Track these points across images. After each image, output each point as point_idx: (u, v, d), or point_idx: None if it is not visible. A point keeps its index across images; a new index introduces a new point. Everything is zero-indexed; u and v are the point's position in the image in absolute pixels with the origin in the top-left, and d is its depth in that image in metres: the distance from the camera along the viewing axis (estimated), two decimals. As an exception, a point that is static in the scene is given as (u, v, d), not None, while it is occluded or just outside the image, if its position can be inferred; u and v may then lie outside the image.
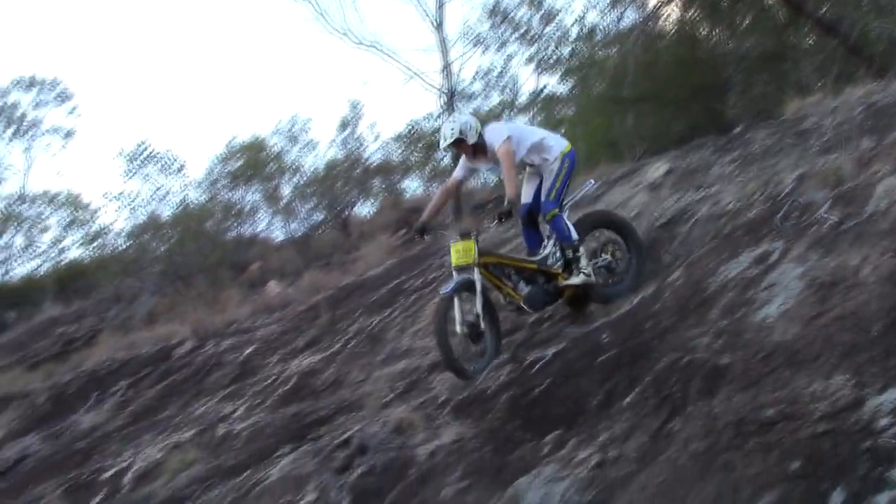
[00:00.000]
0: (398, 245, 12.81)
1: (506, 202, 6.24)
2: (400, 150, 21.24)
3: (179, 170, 19.49)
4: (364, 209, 20.79)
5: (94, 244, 25.18)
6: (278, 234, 20.83)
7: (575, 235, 6.55)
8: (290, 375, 8.14)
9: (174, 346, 11.09)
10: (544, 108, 19.96)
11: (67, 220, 27.30)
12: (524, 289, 6.52)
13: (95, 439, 8.68)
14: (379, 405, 5.93)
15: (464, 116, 6.73)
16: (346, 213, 20.12)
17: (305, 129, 21.35)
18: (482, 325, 6.17)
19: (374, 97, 40.14)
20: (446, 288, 6.13)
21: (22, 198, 27.91)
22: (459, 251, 6.23)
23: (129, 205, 18.91)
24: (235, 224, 20.39)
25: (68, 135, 29.15)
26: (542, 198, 6.64)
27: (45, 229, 27.47)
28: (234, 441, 6.70)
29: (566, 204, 6.68)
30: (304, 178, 20.65)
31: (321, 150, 22.23)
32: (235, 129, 55.43)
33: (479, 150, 6.60)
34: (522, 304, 6.48)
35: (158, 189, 19.46)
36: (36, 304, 20.27)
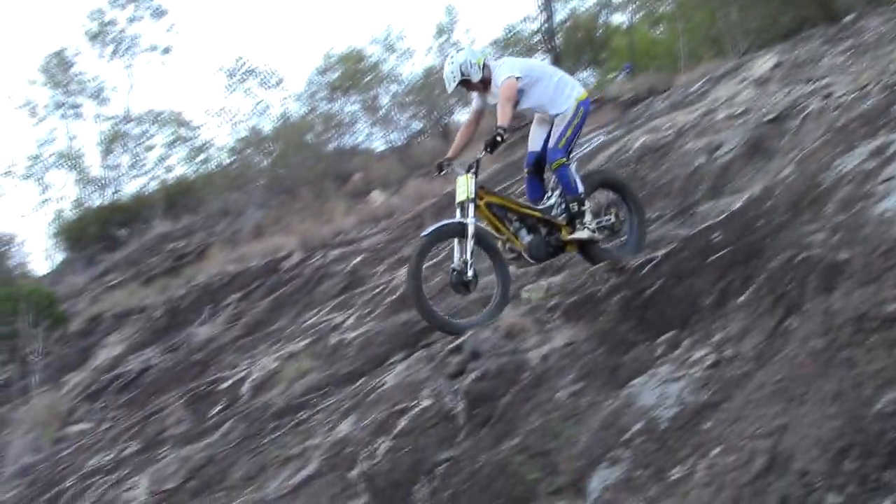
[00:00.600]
0: (503, 149, 12.81)
1: (496, 129, 6.00)
2: (497, 56, 20.98)
3: (278, 83, 19.91)
4: (463, 116, 20.79)
5: (199, 160, 26.16)
6: (379, 144, 21.12)
7: (581, 188, 6.33)
8: (398, 284, 8.38)
9: (282, 258, 11.53)
10: (643, 6, 19.32)
11: (171, 137, 28.42)
12: (526, 237, 6.30)
13: (212, 351, 9.22)
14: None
15: (461, 55, 6.41)
16: (446, 120, 20.15)
17: (401, 37, 21.37)
18: (468, 272, 5.89)
19: (469, 2, 39.42)
20: (426, 230, 5.98)
21: (126, 117, 29.10)
22: (461, 186, 6.10)
23: (231, 120, 19.50)
24: (336, 135, 20.74)
25: (166, 51, 30.02)
26: (550, 144, 6.37)
27: (150, 147, 28.71)
28: (347, 350, 7.01)
29: (574, 155, 6.49)
30: (403, 87, 20.74)
31: (418, 59, 22.28)
32: (332, 41, 55.58)
33: (488, 84, 6.39)
34: (524, 253, 6.30)
35: (258, 103, 19.95)
36: (146, 221, 21.22)
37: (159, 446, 7.01)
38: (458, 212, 6.07)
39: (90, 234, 21.86)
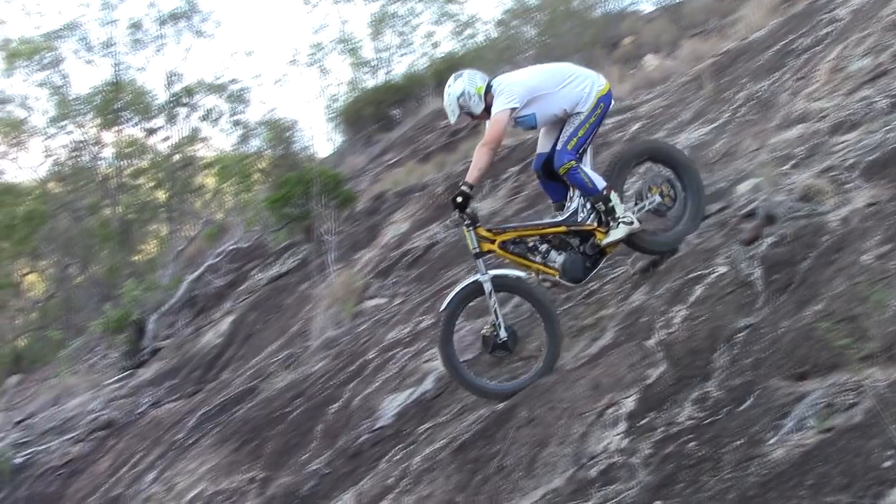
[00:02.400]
0: (780, 2, 11.96)
1: (458, 187, 5.55)
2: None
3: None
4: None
5: (466, 35, 26.62)
6: (647, 5, 20.35)
7: (600, 184, 5.68)
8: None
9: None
10: None
11: (438, 14, 29.11)
12: (557, 259, 5.77)
13: (496, 224, 9.67)
14: (780, 173, 5.93)
15: (459, 85, 5.85)
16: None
17: None
18: (501, 334, 5.53)
19: None
20: (445, 300, 5.60)
21: (393, -3, 30.11)
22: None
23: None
24: (602, 0, 20.31)
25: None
26: (559, 147, 5.77)
27: (417, 26, 29.62)
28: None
29: (583, 151, 5.81)
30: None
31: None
32: None
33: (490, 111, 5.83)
34: (560, 279, 5.76)
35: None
36: (419, 99, 22.10)
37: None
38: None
39: (366, 115, 23.13)
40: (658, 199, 5.85)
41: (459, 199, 5.50)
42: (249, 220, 18.17)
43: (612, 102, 5.95)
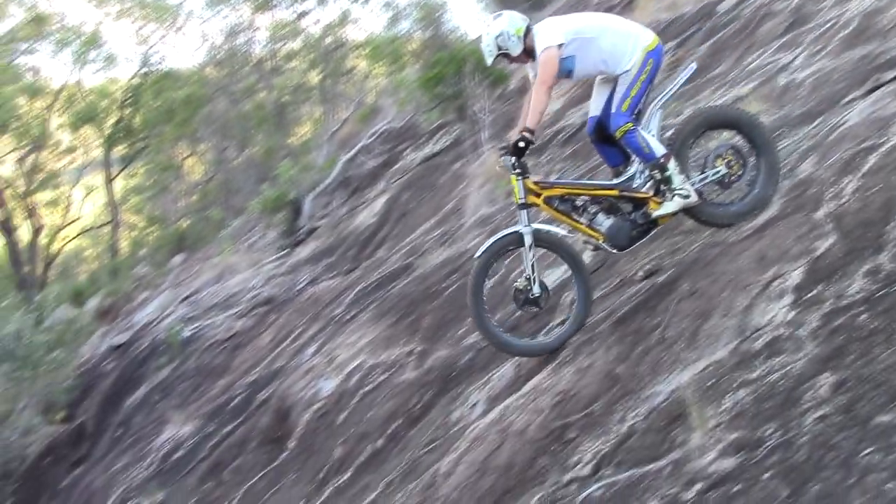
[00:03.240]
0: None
1: (519, 132, 5.34)
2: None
3: None
4: None
5: None
6: None
7: (659, 150, 5.37)
8: (851, 17, 7.81)
9: (718, 1, 11.18)
10: None
11: None
12: (604, 222, 5.52)
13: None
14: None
15: (498, 24, 5.60)
16: None
17: None
18: (533, 289, 5.48)
19: None
20: (480, 248, 5.48)
21: None
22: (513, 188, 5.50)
23: None
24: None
25: None
26: (613, 109, 5.47)
27: None
28: (798, 90, 6.83)
29: (658, 106, 5.53)
30: None
31: None
32: None
33: (532, 53, 5.57)
34: (604, 245, 5.54)
35: None
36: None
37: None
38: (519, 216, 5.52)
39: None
40: (723, 169, 5.55)
41: (522, 145, 5.36)
42: (402, 101, 18.35)
43: (661, 59, 5.65)
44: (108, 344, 17.97)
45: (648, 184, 5.55)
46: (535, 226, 5.53)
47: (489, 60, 5.80)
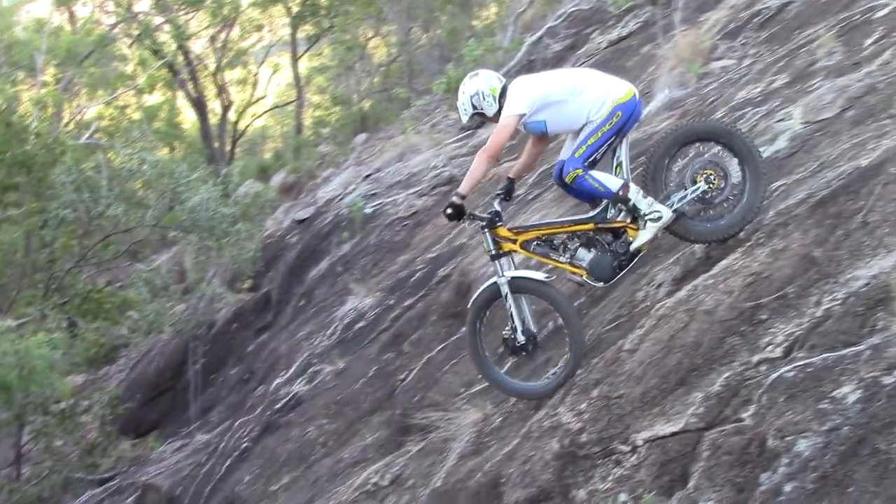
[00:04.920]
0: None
1: (452, 196, 5.68)
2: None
3: None
4: None
5: None
6: None
7: (614, 185, 5.51)
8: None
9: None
10: None
11: None
12: (585, 257, 5.68)
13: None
14: None
15: (474, 84, 5.88)
16: None
17: None
18: (518, 337, 5.78)
19: None
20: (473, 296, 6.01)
21: None
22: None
23: None
24: None
25: None
26: (568, 154, 5.68)
27: None
28: None
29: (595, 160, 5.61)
30: None
31: None
32: None
33: None
34: (587, 279, 5.68)
35: None
36: None
37: (810, 78, 7.22)
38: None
39: None
40: (703, 185, 5.54)
41: (449, 212, 5.69)
42: (590, -17, 17.88)
43: (637, 110, 5.75)
44: (291, 218, 18.89)
45: (623, 212, 5.66)
46: (512, 273, 5.78)
47: (465, 119, 6.08)
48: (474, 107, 5.91)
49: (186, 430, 15.79)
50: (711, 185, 5.55)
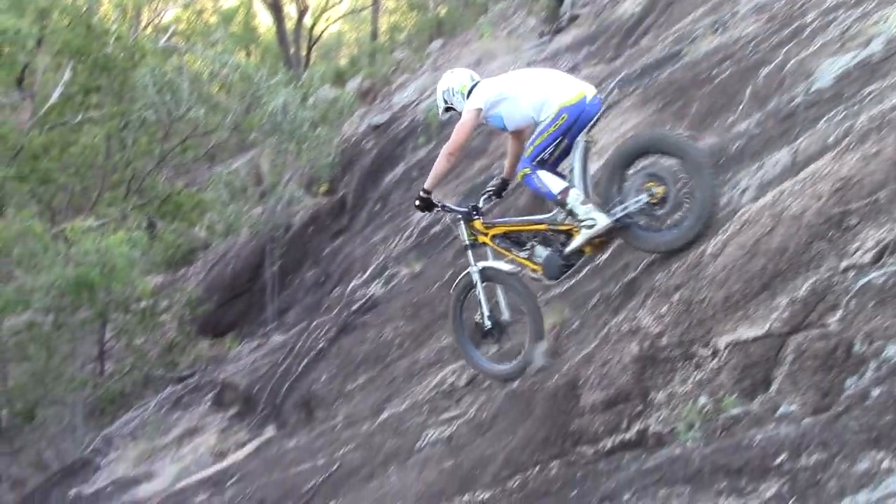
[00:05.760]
0: None
1: (420, 191, 6.22)
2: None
3: None
4: None
5: None
6: None
7: (557, 188, 5.75)
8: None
9: None
10: None
11: None
12: (542, 254, 6.05)
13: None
14: None
15: (447, 80, 6.44)
16: None
17: None
18: (485, 323, 6.26)
19: None
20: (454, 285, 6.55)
21: None
22: None
23: None
24: None
25: None
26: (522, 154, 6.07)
27: None
28: None
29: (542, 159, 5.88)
30: None
31: None
32: None
33: None
34: (540, 275, 6.08)
35: None
36: None
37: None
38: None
39: None
40: (644, 198, 5.53)
41: (418, 203, 6.26)
42: None
43: (586, 113, 5.83)
44: (367, 123, 18.95)
45: (567, 216, 5.88)
46: (483, 264, 6.23)
47: (440, 113, 6.58)
48: (446, 101, 6.43)
49: (263, 330, 16.22)
50: (653, 198, 5.52)
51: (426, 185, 6.19)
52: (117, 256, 12.43)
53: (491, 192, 6.64)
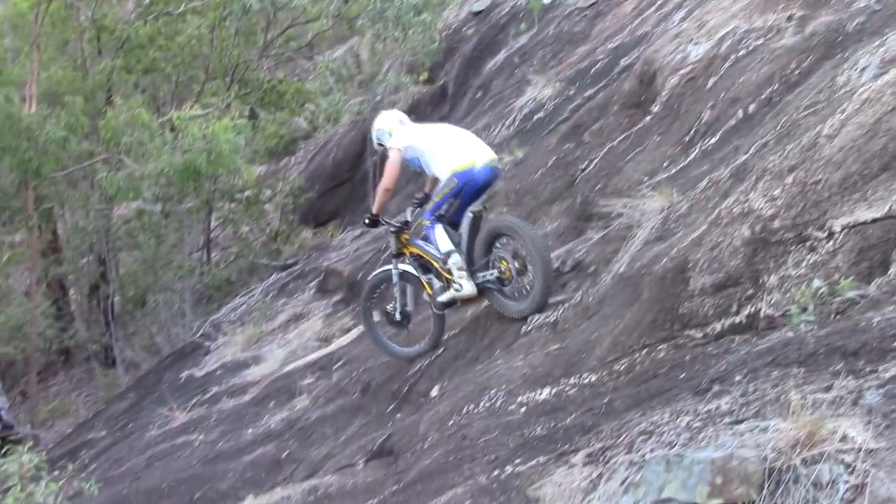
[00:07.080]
0: None
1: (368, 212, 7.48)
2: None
3: None
4: None
5: None
6: None
7: (444, 248, 6.90)
8: None
9: None
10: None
11: None
12: (435, 283, 7.17)
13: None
14: None
15: (378, 122, 7.54)
16: None
17: None
18: (396, 315, 7.54)
19: None
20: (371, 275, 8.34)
21: None
22: None
23: None
24: None
25: None
26: None
27: None
28: None
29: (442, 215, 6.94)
30: None
31: None
32: None
33: None
34: (430, 300, 7.28)
35: None
36: None
37: None
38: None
39: None
40: (496, 273, 6.76)
41: (366, 221, 7.42)
42: None
43: (474, 180, 6.76)
44: (468, 10, 18.63)
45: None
46: (402, 266, 7.42)
47: (375, 147, 7.71)
48: (377, 139, 7.45)
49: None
50: (504, 274, 6.74)
51: (374, 209, 7.25)
52: (223, 142, 12.65)
53: (416, 204, 7.61)
